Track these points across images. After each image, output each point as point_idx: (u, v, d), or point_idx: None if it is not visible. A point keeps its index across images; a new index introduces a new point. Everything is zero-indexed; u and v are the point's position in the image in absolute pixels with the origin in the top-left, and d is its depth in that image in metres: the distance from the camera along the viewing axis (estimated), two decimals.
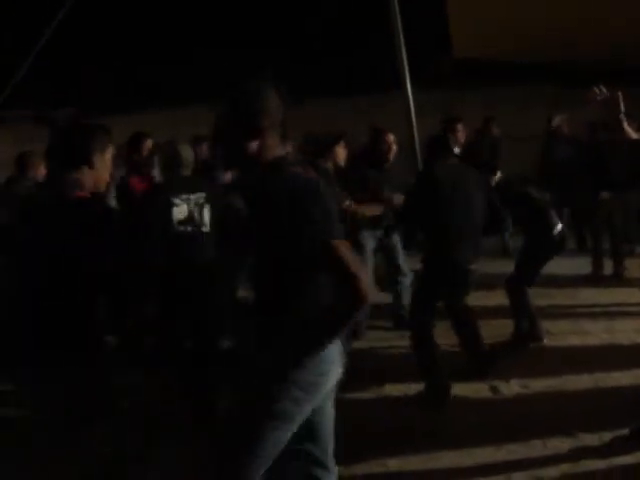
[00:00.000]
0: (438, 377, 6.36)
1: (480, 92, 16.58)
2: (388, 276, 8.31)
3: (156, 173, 7.34)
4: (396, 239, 8.11)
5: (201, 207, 5.83)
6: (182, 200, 5.75)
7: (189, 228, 5.77)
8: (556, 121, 11.34)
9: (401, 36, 7.84)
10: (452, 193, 6.35)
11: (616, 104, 5.46)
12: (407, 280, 8.21)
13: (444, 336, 6.94)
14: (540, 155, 11.21)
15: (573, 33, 12.61)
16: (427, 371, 6.39)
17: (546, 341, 7.51)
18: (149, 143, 7.86)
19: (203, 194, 5.87)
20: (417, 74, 8.50)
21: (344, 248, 3.21)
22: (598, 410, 5.89)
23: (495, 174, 7.47)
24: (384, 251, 8.17)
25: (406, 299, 7.95)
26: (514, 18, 12.62)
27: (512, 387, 6.49)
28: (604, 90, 5.47)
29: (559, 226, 7.37)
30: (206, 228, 5.84)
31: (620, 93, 5.45)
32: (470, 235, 6.44)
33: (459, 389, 6.43)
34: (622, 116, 5.41)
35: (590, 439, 5.39)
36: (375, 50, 13.72)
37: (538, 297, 7.89)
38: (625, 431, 5.34)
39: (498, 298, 7.37)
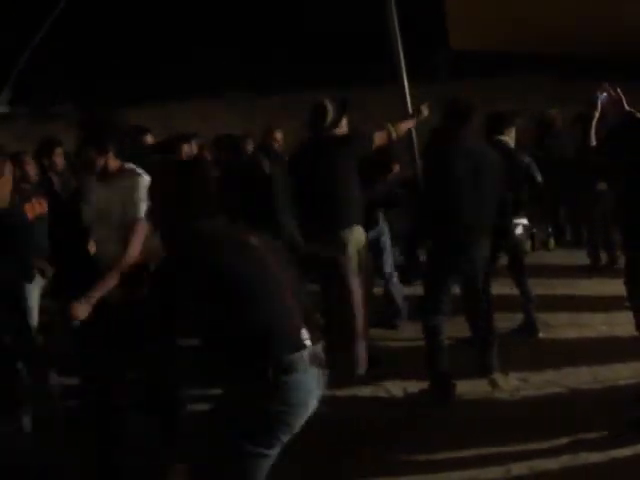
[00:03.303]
0: (443, 374, 6.33)
1: (478, 84, 16.58)
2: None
3: None
4: (385, 238, 8.10)
5: None
6: None
7: None
8: (551, 114, 11.33)
9: (397, 28, 7.81)
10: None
11: (619, 101, 5.51)
12: (394, 278, 8.17)
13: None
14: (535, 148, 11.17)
15: (572, 24, 12.62)
16: (432, 365, 6.35)
17: (544, 334, 7.52)
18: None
19: None
20: (414, 66, 8.47)
21: None
22: (597, 403, 5.91)
23: None
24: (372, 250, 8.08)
25: (398, 295, 8.03)
26: (512, 9, 12.62)
27: (511, 380, 6.49)
28: (607, 88, 5.53)
29: None
30: None
31: (619, 89, 5.50)
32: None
33: (458, 383, 6.43)
34: (629, 109, 5.47)
35: (589, 432, 5.39)
36: (371, 42, 13.71)
37: (536, 289, 7.88)
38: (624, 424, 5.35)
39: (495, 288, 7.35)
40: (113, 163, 4.88)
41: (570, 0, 11.65)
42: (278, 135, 9.59)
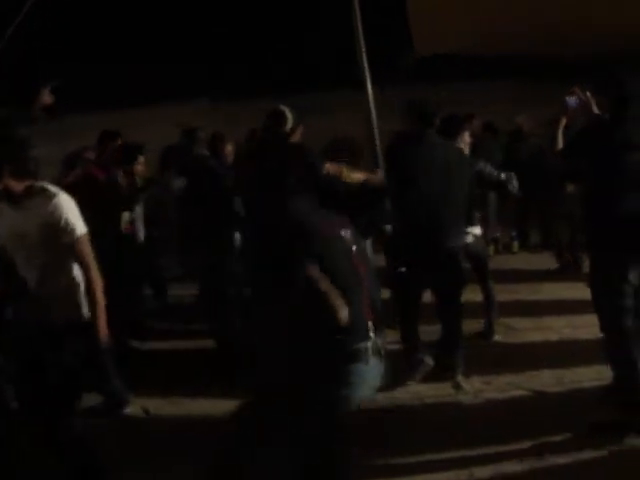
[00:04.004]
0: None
1: (444, 87, 16.60)
2: None
3: None
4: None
5: None
6: None
7: None
8: (519, 119, 11.41)
9: (361, 31, 7.82)
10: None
11: (587, 104, 5.55)
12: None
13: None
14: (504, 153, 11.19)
15: (538, 28, 12.66)
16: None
17: (508, 337, 7.55)
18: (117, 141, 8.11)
19: None
20: (379, 69, 8.44)
21: None
22: (560, 405, 5.94)
23: None
24: None
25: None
26: (476, 13, 12.61)
27: (474, 383, 6.50)
28: (580, 93, 5.57)
29: None
30: None
31: (589, 93, 5.53)
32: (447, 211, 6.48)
33: (422, 386, 6.45)
34: (597, 112, 5.52)
35: (553, 434, 5.40)
36: (335, 45, 13.71)
37: (501, 292, 7.90)
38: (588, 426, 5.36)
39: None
40: (15, 184, 4.48)
41: (535, 3, 11.67)
42: (229, 148, 9.37)
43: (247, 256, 7.31)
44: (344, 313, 3.75)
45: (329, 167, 6.54)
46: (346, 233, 4.02)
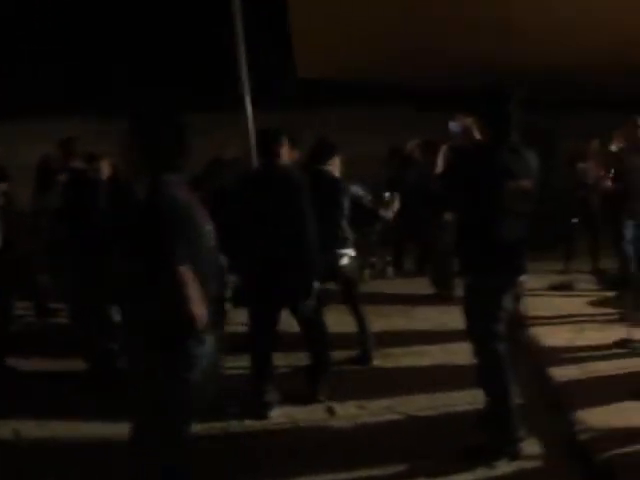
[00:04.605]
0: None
1: (333, 114, 16.66)
2: None
3: None
4: None
5: None
6: None
7: None
8: (410, 145, 11.52)
9: (244, 53, 7.81)
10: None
11: (469, 129, 5.61)
12: None
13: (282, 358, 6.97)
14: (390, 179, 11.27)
15: (425, 56, 12.86)
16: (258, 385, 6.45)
17: (382, 362, 7.57)
18: None
19: None
20: (261, 93, 8.41)
21: None
22: (434, 429, 5.95)
23: None
24: None
25: None
26: (362, 39, 12.74)
27: (348, 408, 6.48)
28: (460, 117, 5.63)
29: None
30: None
31: (472, 119, 5.60)
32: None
33: (295, 410, 6.41)
34: (478, 139, 5.58)
35: (427, 458, 5.41)
36: (217, 67, 13.63)
37: (374, 317, 7.92)
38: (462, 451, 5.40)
39: (332, 316, 7.28)
40: None
41: (425, 32, 11.88)
42: (104, 164, 9.07)
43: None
44: (202, 321, 3.77)
45: None
46: (210, 226, 4.02)
